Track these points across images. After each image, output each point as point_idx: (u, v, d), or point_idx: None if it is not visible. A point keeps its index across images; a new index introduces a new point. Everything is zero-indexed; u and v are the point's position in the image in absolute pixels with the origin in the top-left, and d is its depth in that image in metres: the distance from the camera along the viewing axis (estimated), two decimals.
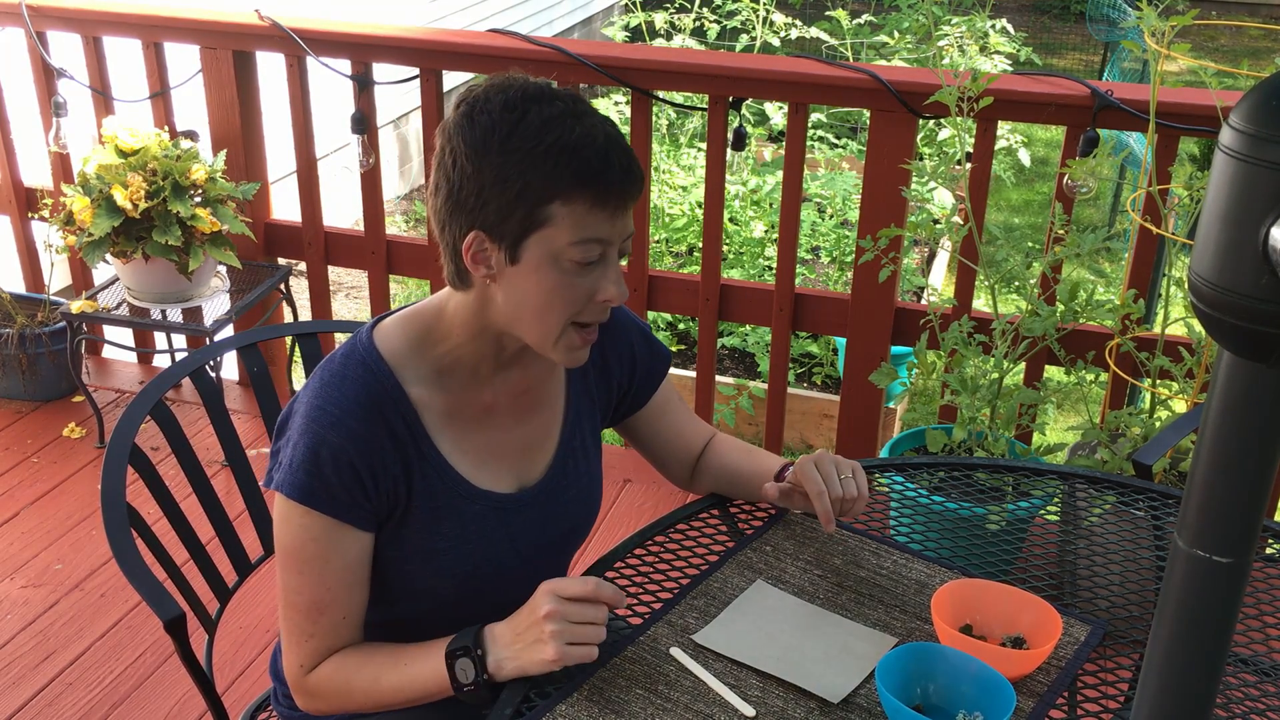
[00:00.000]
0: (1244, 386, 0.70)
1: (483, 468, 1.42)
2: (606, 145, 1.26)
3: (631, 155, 1.28)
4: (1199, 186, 2.53)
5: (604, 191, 1.25)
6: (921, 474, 2.30)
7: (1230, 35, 10.40)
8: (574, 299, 1.30)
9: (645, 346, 1.58)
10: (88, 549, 2.86)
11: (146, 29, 3.25)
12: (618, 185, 1.26)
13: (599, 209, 1.26)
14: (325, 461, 1.31)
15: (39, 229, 3.58)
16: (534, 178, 1.24)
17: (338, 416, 1.32)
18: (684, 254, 4.99)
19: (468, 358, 1.39)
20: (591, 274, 1.30)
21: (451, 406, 1.39)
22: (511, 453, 1.45)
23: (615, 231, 1.29)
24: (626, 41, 5.65)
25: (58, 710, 2.39)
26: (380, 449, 1.33)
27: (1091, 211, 6.26)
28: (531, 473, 1.47)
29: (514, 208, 1.25)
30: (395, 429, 1.35)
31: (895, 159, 2.80)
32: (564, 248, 1.27)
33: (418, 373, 1.37)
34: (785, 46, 5.59)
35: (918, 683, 1.31)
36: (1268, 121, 0.64)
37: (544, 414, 1.49)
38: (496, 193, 1.25)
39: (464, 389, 1.40)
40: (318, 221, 3.39)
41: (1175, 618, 0.76)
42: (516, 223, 1.26)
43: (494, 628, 1.32)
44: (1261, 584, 1.57)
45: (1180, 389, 2.63)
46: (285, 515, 1.35)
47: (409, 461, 1.36)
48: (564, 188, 1.24)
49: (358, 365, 1.36)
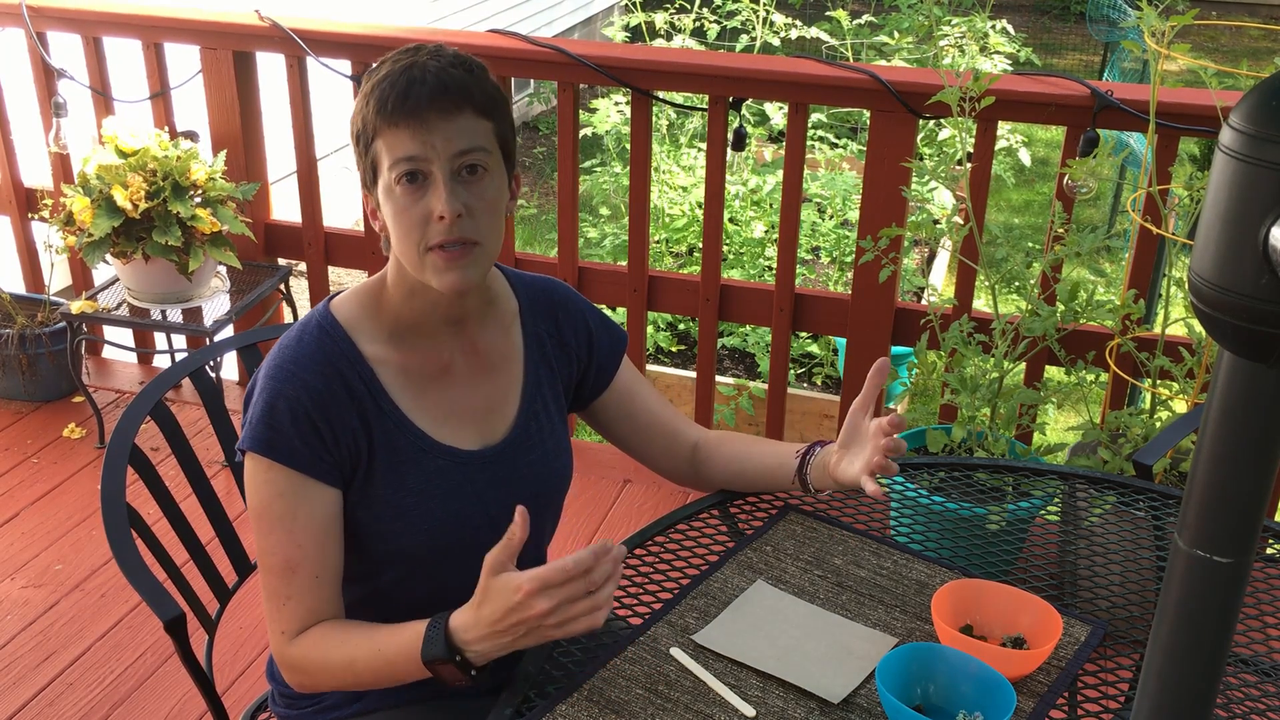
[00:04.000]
0: (1244, 386, 0.70)
1: (444, 424, 1.45)
2: (411, 73, 1.30)
3: (446, 77, 1.30)
4: (1199, 186, 2.52)
5: (398, 112, 1.29)
6: (922, 474, 2.30)
7: (1230, 35, 10.40)
8: (412, 222, 1.33)
9: (600, 325, 1.61)
10: (88, 549, 2.86)
11: (146, 29, 3.26)
12: (412, 103, 1.29)
13: (401, 128, 1.30)
14: (282, 413, 1.34)
15: (39, 229, 3.57)
16: (365, 123, 1.33)
17: (293, 371, 1.36)
18: (684, 254, 4.99)
19: (409, 316, 1.42)
20: (424, 197, 1.32)
21: (408, 365, 1.43)
22: (473, 411, 1.48)
23: (428, 149, 1.30)
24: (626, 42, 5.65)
25: (58, 710, 2.39)
26: (337, 402, 1.37)
27: (1092, 211, 6.26)
28: (494, 432, 1.49)
29: (364, 156, 1.35)
30: (352, 385, 1.38)
31: (895, 159, 2.80)
32: (389, 178, 1.32)
33: (372, 335, 1.41)
34: (785, 47, 5.59)
35: (918, 683, 1.31)
36: (1268, 121, 0.64)
37: (502, 376, 1.51)
38: (360, 152, 1.35)
39: (417, 348, 1.44)
40: (318, 222, 3.39)
41: (1175, 618, 0.76)
42: (368, 170, 1.35)
43: (459, 624, 1.26)
44: (1261, 584, 1.57)
45: (1180, 389, 2.63)
46: (251, 473, 1.37)
47: (367, 416, 1.39)
48: (375, 119, 1.31)
49: (313, 329, 1.40)
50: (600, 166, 5.55)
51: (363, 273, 3.53)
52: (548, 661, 1.39)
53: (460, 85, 1.32)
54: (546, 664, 1.38)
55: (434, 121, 1.30)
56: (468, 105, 1.32)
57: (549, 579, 1.19)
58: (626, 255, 3.13)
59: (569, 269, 3.16)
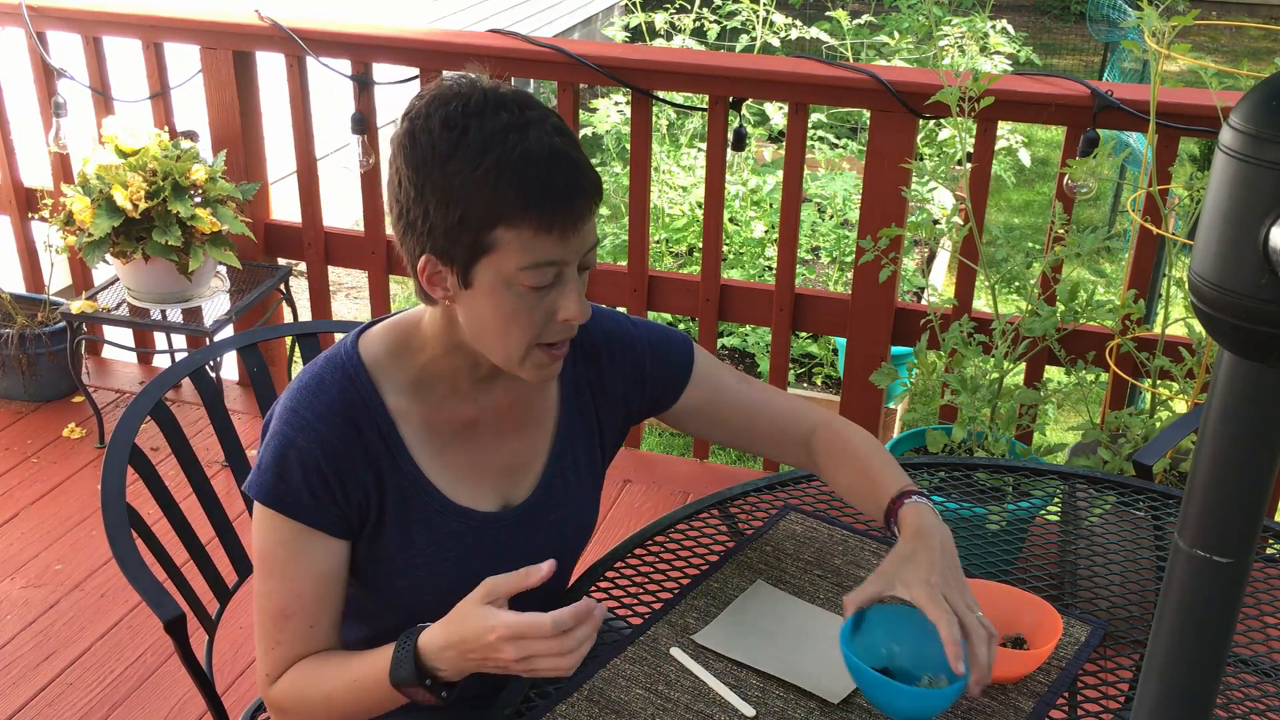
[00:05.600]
0: (1244, 386, 0.70)
1: (462, 484, 1.38)
2: (550, 162, 1.18)
3: (580, 168, 1.20)
4: (1199, 186, 2.52)
5: (549, 213, 1.18)
6: (922, 474, 2.30)
7: (1230, 35, 10.40)
8: (533, 321, 1.24)
9: (656, 364, 1.50)
10: (88, 549, 2.86)
11: (146, 29, 3.25)
12: (564, 205, 1.18)
13: (545, 232, 1.19)
14: (292, 464, 1.29)
15: (39, 229, 3.57)
16: (475, 202, 1.18)
17: (309, 420, 1.30)
18: (684, 254, 4.99)
19: (444, 371, 1.34)
20: (549, 294, 1.24)
21: (431, 419, 1.35)
22: (495, 471, 1.41)
23: (568, 250, 1.21)
24: (626, 42, 5.65)
25: (58, 710, 2.39)
26: (350, 457, 1.31)
27: (1092, 211, 6.26)
28: (516, 492, 1.42)
29: (459, 233, 1.20)
30: (368, 439, 1.32)
31: (895, 159, 2.80)
32: (515, 273, 1.20)
33: (397, 383, 1.34)
34: (785, 47, 5.59)
35: (884, 644, 1.31)
36: (1268, 121, 0.64)
37: (532, 433, 1.43)
38: (441, 217, 1.20)
39: (443, 402, 1.36)
40: (318, 222, 3.39)
41: (1175, 618, 0.76)
42: (464, 248, 1.20)
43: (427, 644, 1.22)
44: (1261, 584, 1.57)
45: (1180, 389, 2.63)
46: (258, 518, 1.33)
47: (381, 472, 1.33)
48: (507, 212, 1.18)
49: (338, 370, 1.33)
50: (600, 166, 5.55)
51: (362, 273, 3.53)
52: None
53: (595, 179, 1.21)
54: None
55: (580, 224, 1.21)
56: (599, 198, 1.23)
57: (524, 632, 1.15)
58: (626, 255, 3.13)
59: None
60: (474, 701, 1.53)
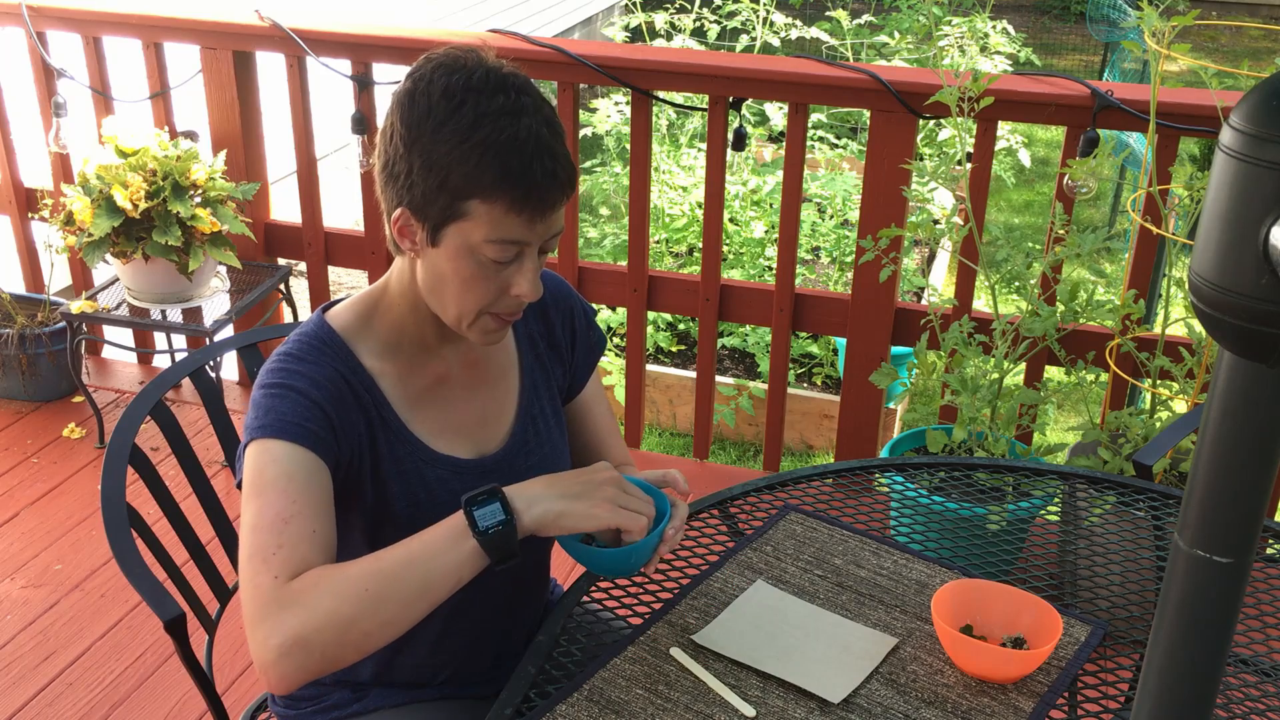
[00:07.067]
0: (1244, 386, 0.70)
1: (440, 437, 1.43)
2: (535, 149, 1.24)
3: (560, 160, 1.27)
4: (1199, 186, 2.52)
5: (523, 196, 1.25)
6: (922, 474, 2.30)
7: (1230, 35, 10.40)
8: (487, 291, 1.31)
9: (586, 325, 1.59)
10: (88, 549, 2.86)
11: (146, 29, 3.26)
12: (538, 191, 1.25)
13: (516, 212, 1.26)
14: (287, 401, 1.29)
15: (39, 229, 3.58)
16: (457, 172, 1.24)
17: (298, 370, 1.33)
18: (684, 254, 4.99)
19: (411, 328, 1.40)
20: (507, 269, 1.31)
21: (405, 376, 1.41)
22: (469, 423, 1.46)
23: (534, 233, 1.29)
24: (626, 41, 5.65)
25: (58, 710, 2.39)
26: (344, 402, 1.34)
27: (1092, 211, 6.26)
28: (490, 442, 1.47)
29: (437, 195, 1.26)
30: (357, 393, 1.36)
31: (895, 159, 2.80)
32: (480, 243, 1.28)
33: (370, 346, 1.39)
34: (785, 47, 5.59)
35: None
36: (1268, 121, 0.64)
37: (499, 385, 1.49)
38: (423, 177, 1.26)
39: (414, 360, 1.42)
40: (318, 221, 3.39)
41: (1175, 618, 0.76)
42: (438, 210, 1.27)
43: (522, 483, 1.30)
44: (1261, 584, 1.57)
45: (1180, 389, 2.63)
46: (247, 456, 1.29)
47: (372, 423, 1.37)
48: (484, 186, 1.24)
49: (312, 340, 1.37)
50: (600, 166, 5.55)
51: (363, 273, 3.53)
52: (548, 661, 1.39)
53: (571, 173, 1.28)
54: (547, 664, 1.38)
55: (549, 212, 1.28)
56: (572, 190, 1.30)
57: (630, 487, 1.32)
58: (626, 255, 3.13)
59: (569, 269, 3.17)
60: (474, 698, 1.53)
